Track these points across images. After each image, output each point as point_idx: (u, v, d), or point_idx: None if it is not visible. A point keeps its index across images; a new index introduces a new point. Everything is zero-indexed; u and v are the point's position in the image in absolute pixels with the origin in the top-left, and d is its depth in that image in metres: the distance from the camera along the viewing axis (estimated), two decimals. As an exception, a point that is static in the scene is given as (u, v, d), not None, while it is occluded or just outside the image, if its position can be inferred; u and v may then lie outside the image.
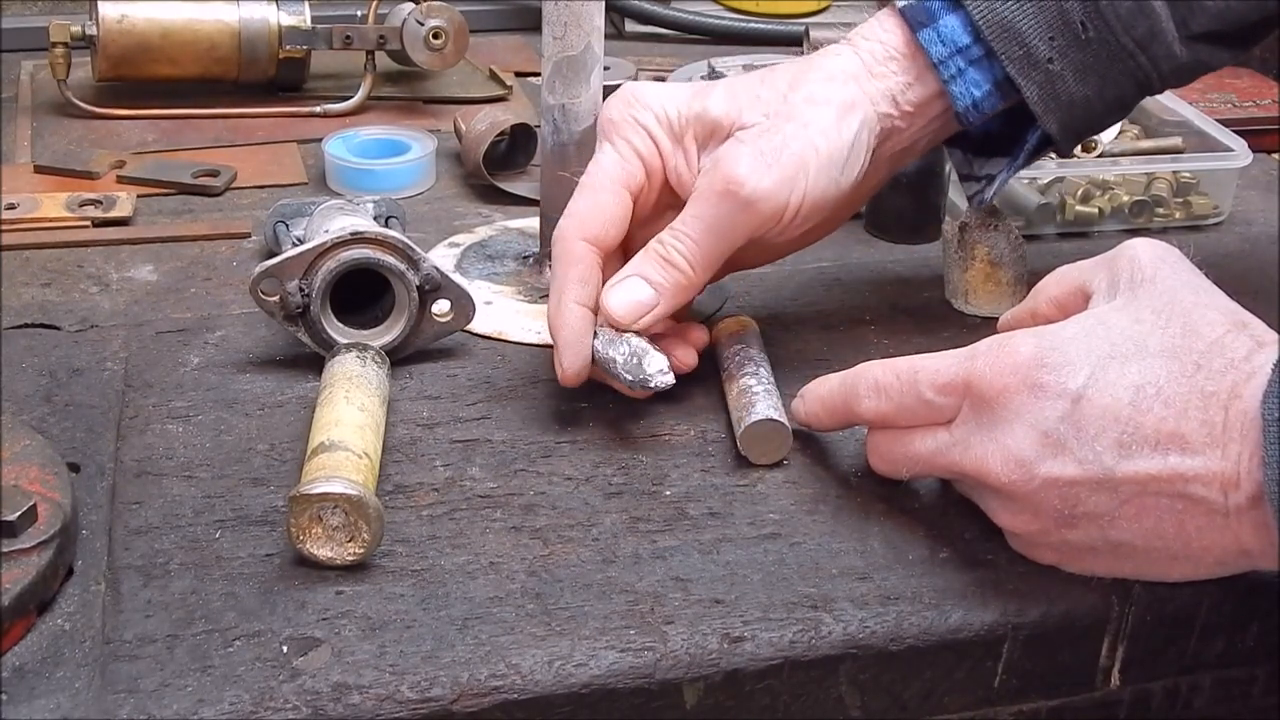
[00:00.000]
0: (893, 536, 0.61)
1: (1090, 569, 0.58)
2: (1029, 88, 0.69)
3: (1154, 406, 0.54)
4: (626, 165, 0.68)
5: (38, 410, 0.68)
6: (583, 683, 0.54)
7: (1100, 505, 0.55)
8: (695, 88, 0.70)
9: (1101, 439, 0.54)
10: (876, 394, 0.60)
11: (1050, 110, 0.70)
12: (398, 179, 0.93)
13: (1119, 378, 0.54)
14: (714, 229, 0.66)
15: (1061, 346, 0.56)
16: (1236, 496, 0.53)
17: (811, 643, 0.56)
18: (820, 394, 0.64)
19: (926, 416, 0.59)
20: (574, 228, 0.67)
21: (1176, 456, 0.53)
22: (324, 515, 0.57)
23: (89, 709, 0.51)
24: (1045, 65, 0.69)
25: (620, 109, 0.69)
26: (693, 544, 0.60)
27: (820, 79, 0.69)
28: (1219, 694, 0.62)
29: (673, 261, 0.67)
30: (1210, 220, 0.93)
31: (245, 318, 0.77)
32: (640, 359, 0.65)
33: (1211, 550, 0.55)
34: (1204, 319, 0.56)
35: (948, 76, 0.69)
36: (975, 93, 0.70)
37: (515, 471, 0.65)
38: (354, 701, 0.52)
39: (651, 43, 1.25)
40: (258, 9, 1.02)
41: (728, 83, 0.70)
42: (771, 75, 0.70)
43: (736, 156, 0.66)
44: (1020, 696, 0.59)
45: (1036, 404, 0.55)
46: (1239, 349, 0.54)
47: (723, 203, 0.66)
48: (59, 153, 0.96)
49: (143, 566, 0.58)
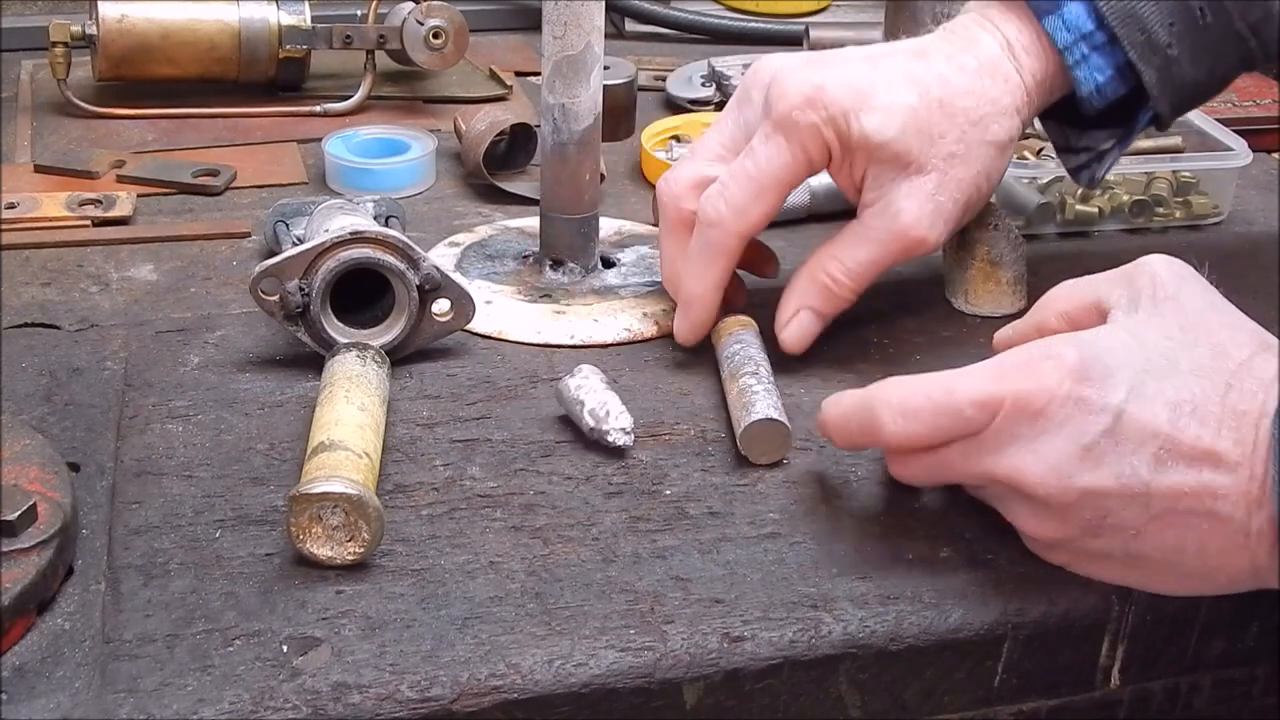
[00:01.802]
0: (892, 536, 0.61)
1: (1098, 574, 0.58)
2: (1148, 72, 0.70)
3: (1190, 424, 0.54)
4: (797, 170, 0.69)
5: (37, 410, 0.68)
6: (583, 682, 0.54)
7: (1130, 518, 0.55)
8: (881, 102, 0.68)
9: (1140, 453, 0.54)
10: (905, 418, 0.58)
11: (1165, 94, 0.72)
12: (397, 178, 0.93)
13: (1157, 393, 0.54)
14: (881, 269, 0.71)
15: (1103, 358, 0.55)
16: (1260, 517, 0.53)
17: (811, 642, 0.56)
18: (836, 416, 0.61)
19: (959, 432, 0.57)
20: (737, 224, 0.70)
21: (1209, 473, 0.54)
22: (324, 515, 0.57)
23: (89, 708, 0.51)
24: (1165, 51, 0.70)
25: (807, 112, 0.68)
26: (693, 543, 0.60)
27: (996, 113, 0.70)
28: (1219, 694, 0.62)
29: (839, 295, 0.71)
30: (1210, 220, 0.93)
31: (245, 317, 0.77)
32: (607, 412, 0.66)
33: (1226, 569, 0.55)
34: (1232, 340, 0.56)
35: (1072, 62, 0.71)
36: (1099, 78, 0.71)
37: (515, 471, 0.65)
38: (354, 701, 0.52)
39: (651, 42, 1.25)
40: (258, 9, 1.02)
41: (911, 106, 0.69)
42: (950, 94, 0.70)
43: (917, 216, 0.69)
44: (1020, 696, 0.59)
45: (1080, 417, 0.55)
46: (1268, 370, 0.55)
47: (897, 250, 0.70)
48: (59, 152, 0.96)
49: (143, 566, 0.58)
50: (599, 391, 0.66)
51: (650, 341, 0.76)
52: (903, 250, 0.70)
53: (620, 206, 0.92)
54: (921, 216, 0.69)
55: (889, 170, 0.69)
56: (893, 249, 0.70)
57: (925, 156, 0.69)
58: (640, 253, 0.84)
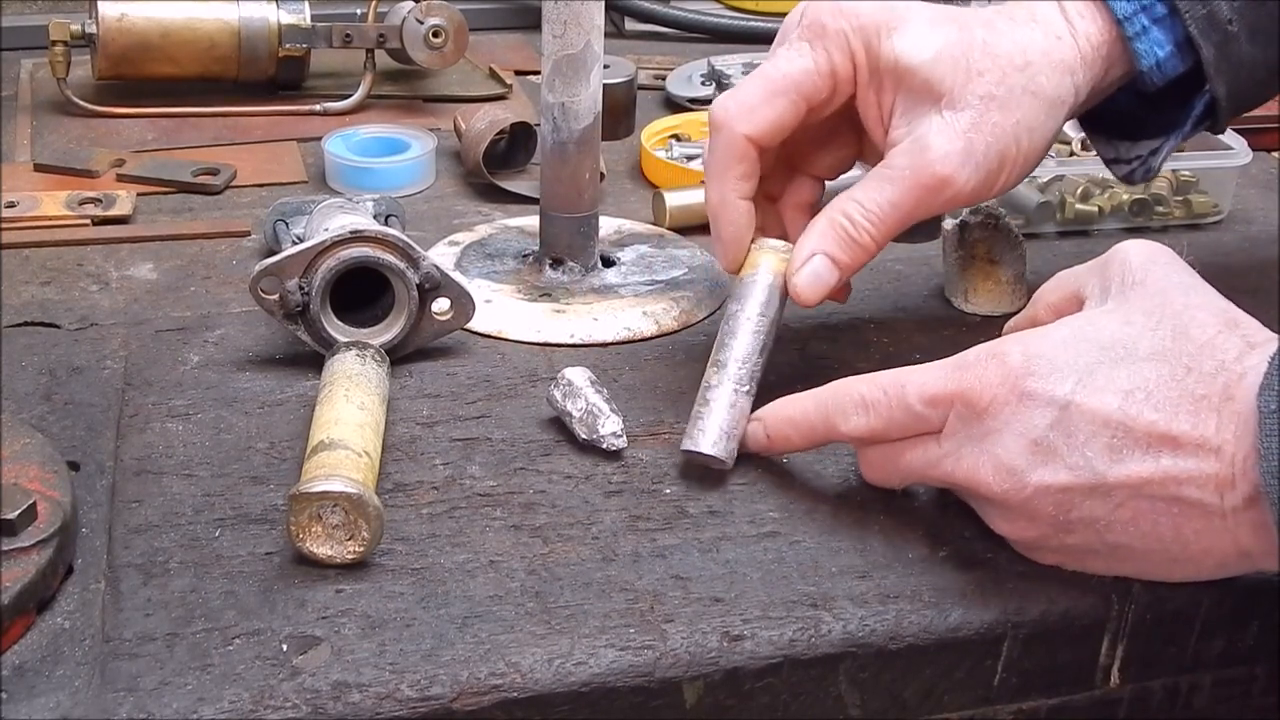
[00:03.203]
0: (892, 535, 0.61)
1: (1092, 569, 0.58)
2: (1207, 48, 0.68)
3: (1144, 410, 0.53)
4: (818, 79, 0.65)
5: (37, 409, 0.68)
6: (582, 681, 0.54)
7: (1095, 510, 0.55)
8: (916, 26, 0.65)
9: (1091, 444, 0.54)
10: (863, 411, 0.59)
11: (1222, 72, 0.69)
12: (397, 177, 0.93)
13: (1107, 383, 0.54)
14: (905, 213, 0.66)
15: (1048, 354, 0.55)
16: (1233, 497, 0.53)
17: (811, 641, 0.56)
18: (790, 415, 0.62)
19: (916, 428, 0.59)
20: (742, 121, 0.65)
21: (1169, 459, 0.53)
22: (324, 514, 0.57)
23: (88, 707, 0.51)
24: (1225, 26, 0.68)
25: (835, 18, 0.65)
26: (692, 542, 0.60)
27: (1045, 65, 0.66)
28: (1219, 693, 0.62)
29: (859, 242, 0.66)
30: (1210, 219, 0.93)
31: (245, 316, 0.77)
32: (596, 418, 0.66)
33: (1211, 553, 0.55)
34: (1194, 320, 0.56)
35: (1132, 33, 0.67)
36: (1159, 52, 0.68)
37: (515, 470, 0.65)
38: (354, 700, 0.52)
39: (651, 41, 1.25)
40: (257, 8, 1.02)
41: (950, 39, 0.65)
42: (995, 37, 0.66)
43: (947, 152, 0.64)
44: (1020, 695, 0.59)
45: (1025, 413, 0.55)
46: (1230, 350, 0.54)
47: (922, 194, 0.65)
48: (59, 151, 0.96)
49: (142, 565, 0.58)
50: (584, 397, 0.66)
51: (650, 340, 0.76)
52: (927, 191, 0.65)
53: (620, 205, 0.92)
54: (951, 153, 0.64)
55: (919, 102, 0.65)
56: (917, 189, 0.65)
57: (960, 91, 0.64)
58: (640, 251, 0.84)
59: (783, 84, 0.65)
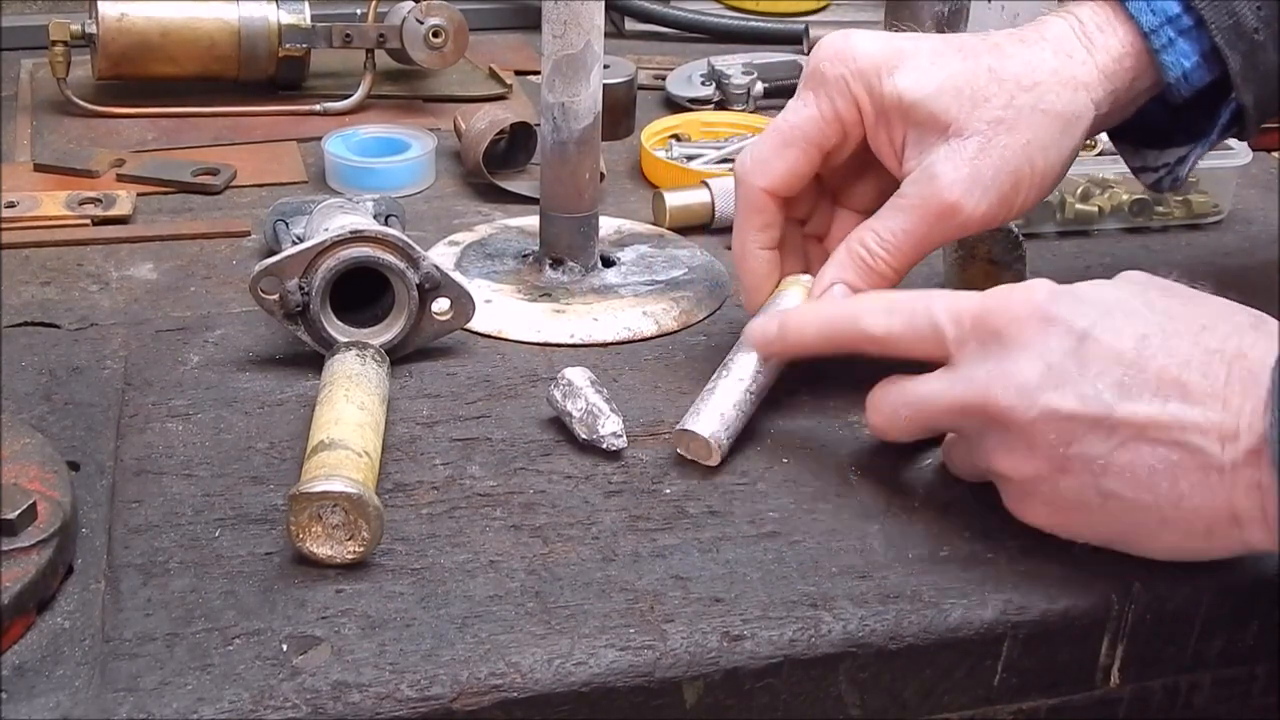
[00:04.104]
0: (892, 535, 0.61)
1: (1080, 530, 0.58)
2: (1234, 57, 0.68)
3: (1158, 354, 0.55)
4: (824, 126, 0.67)
5: (37, 409, 0.68)
6: (582, 681, 0.54)
7: (1095, 446, 0.55)
8: (917, 61, 0.66)
9: (1104, 377, 0.55)
10: (888, 311, 0.61)
11: (1249, 81, 0.69)
12: (397, 177, 0.93)
13: (1126, 324, 0.56)
14: (920, 241, 0.67)
15: (1074, 291, 0.58)
16: (1233, 450, 0.53)
17: (811, 641, 0.56)
18: (815, 309, 0.66)
19: (932, 340, 0.60)
20: (758, 175, 0.68)
21: (1176, 404, 0.54)
22: (324, 514, 0.57)
23: (88, 707, 0.51)
24: (1251, 35, 0.68)
25: (834, 64, 0.67)
26: (692, 542, 0.60)
27: (1055, 83, 0.67)
28: (1219, 692, 0.62)
29: (876, 270, 0.68)
30: (1210, 219, 0.93)
31: (245, 316, 0.77)
32: (595, 418, 0.66)
33: (1202, 513, 0.55)
34: (1206, 299, 0.58)
35: (1159, 46, 0.68)
36: (1185, 63, 0.68)
37: (515, 470, 0.65)
38: (354, 700, 0.52)
39: (651, 41, 1.25)
40: (257, 8, 1.02)
41: (953, 69, 0.66)
42: (1002, 62, 0.67)
43: (953, 180, 0.65)
44: (1020, 695, 0.59)
45: (1044, 336, 0.56)
46: (1244, 319, 0.56)
47: (933, 221, 0.67)
48: (59, 151, 0.96)
49: (142, 565, 0.58)
50: (584, 397, 0.66)
51: (650, 340, 0.76)
52: (938, 218, 0.66)
53: (620, 205, 0.92)
54: (957, 180, 0.65)
55: (928, 134, 0.66)
56: (928, 216, 0.66)
57: (967, 119, 0.65)
58: (640, 251, 0.84)
59: (791, 135, 0.68)
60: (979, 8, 0.80)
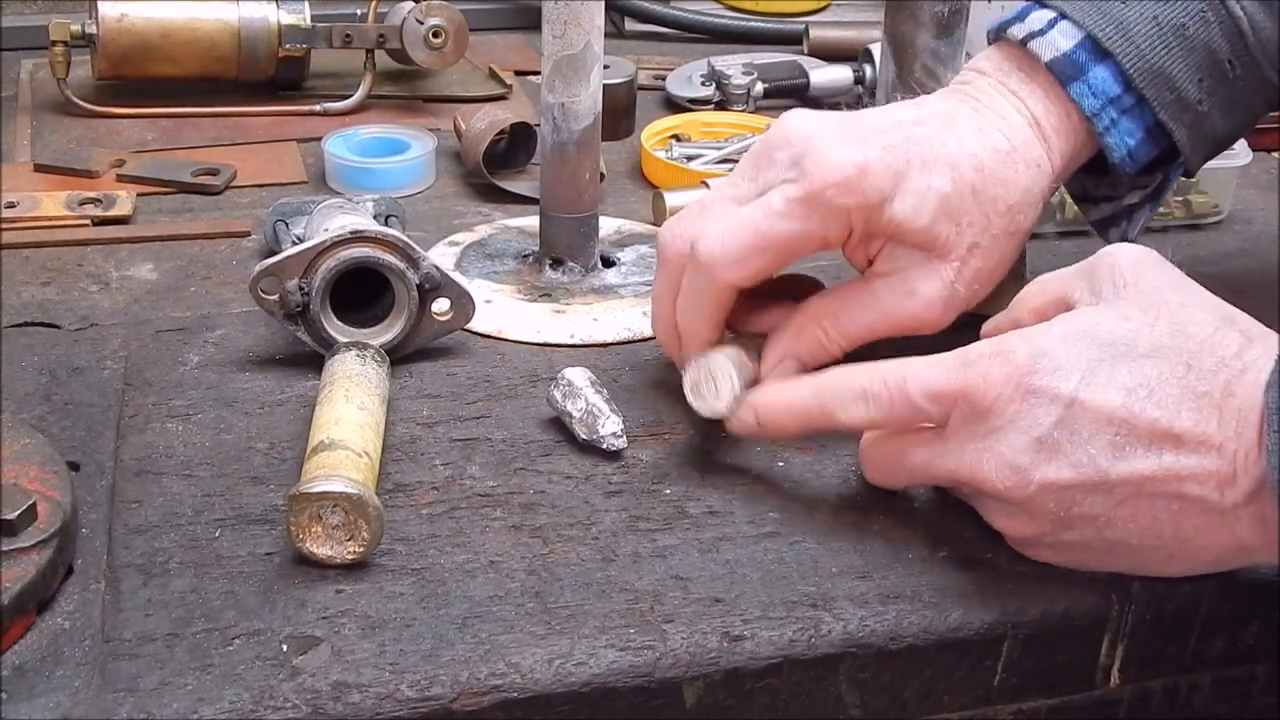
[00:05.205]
0: (892, 535, 0.61)
1: (1087, 565, 0.59)
2: (1179, 131, 0.68)
3: (1146, 408, 0.54)
4: (808, 243, 0.65)
5: (37, 409, 0.68)
6: (583, 681, 0.54)
7: (1096, 506, 0.55)
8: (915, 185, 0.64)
9: (1095, 441, 0.54)
10: (863, 401, 0.59)
11: (1198, 149, 0.69)
12: (397, 178, 0.93)
13: (1110, 380, 0.55)
14: (877, 336, 0.67)
15: (1052, 350, 0.56)
16: (1234, 493, 0.53)
17: (811, 641, 0.56)
18: (787, 400, 0.62)
19: (916, 422, 0.59)
20: (729, 270, 0.64)
21: (1171, 455, 0.54)
22: (324, 514, 0.57)
23: (88, 708, 0.51)
24: (1195, 108, 0.68)
25: (842, 195, 0.63)
26: (692, 543, 0.60)
27: (1025, 203, 0.66)
28: (1219, 693, 0.62)
29: (829, 351, 0.66)
30: (1210, 219, 0.93)
31: (245, 316, 0.77)
32: (595, 418, 0.66)
33: (1209, 549, 0.55)
34: (1191, 319, 0.56)
35: (1102, 129, 0.67)
36: (1129, 141, 0.68)
37: (515, 470, 0.65)
38: (354, 700, 0.52)
39: (651, 41, 1.25)
40: (258, 8, 1.02)
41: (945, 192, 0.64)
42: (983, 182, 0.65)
43: (931, 301, 0.65)
44: (1020, 695, 0.59)
45: (1030, 410, 0.55)
46: (1229, 346, 0.55)
47: (899, 328, 0.66)
48: (59, 151, 0.96)
49: (142, 565, 0.58)
50: (584, 397, 0.66)
51: (650, 340, 0.76)
52: (904, 327, 0.66)
53: (620, 206, 0.92)
54: (935, 303, 0.65)
55: (910, 250, 0.65)
56: (895, 324, 0.66)
57: (950, 243, 0.65)
58: (640, 252, 0.84)
59: (778, 245, 0.64)
60: (979, 8, 0.80)
